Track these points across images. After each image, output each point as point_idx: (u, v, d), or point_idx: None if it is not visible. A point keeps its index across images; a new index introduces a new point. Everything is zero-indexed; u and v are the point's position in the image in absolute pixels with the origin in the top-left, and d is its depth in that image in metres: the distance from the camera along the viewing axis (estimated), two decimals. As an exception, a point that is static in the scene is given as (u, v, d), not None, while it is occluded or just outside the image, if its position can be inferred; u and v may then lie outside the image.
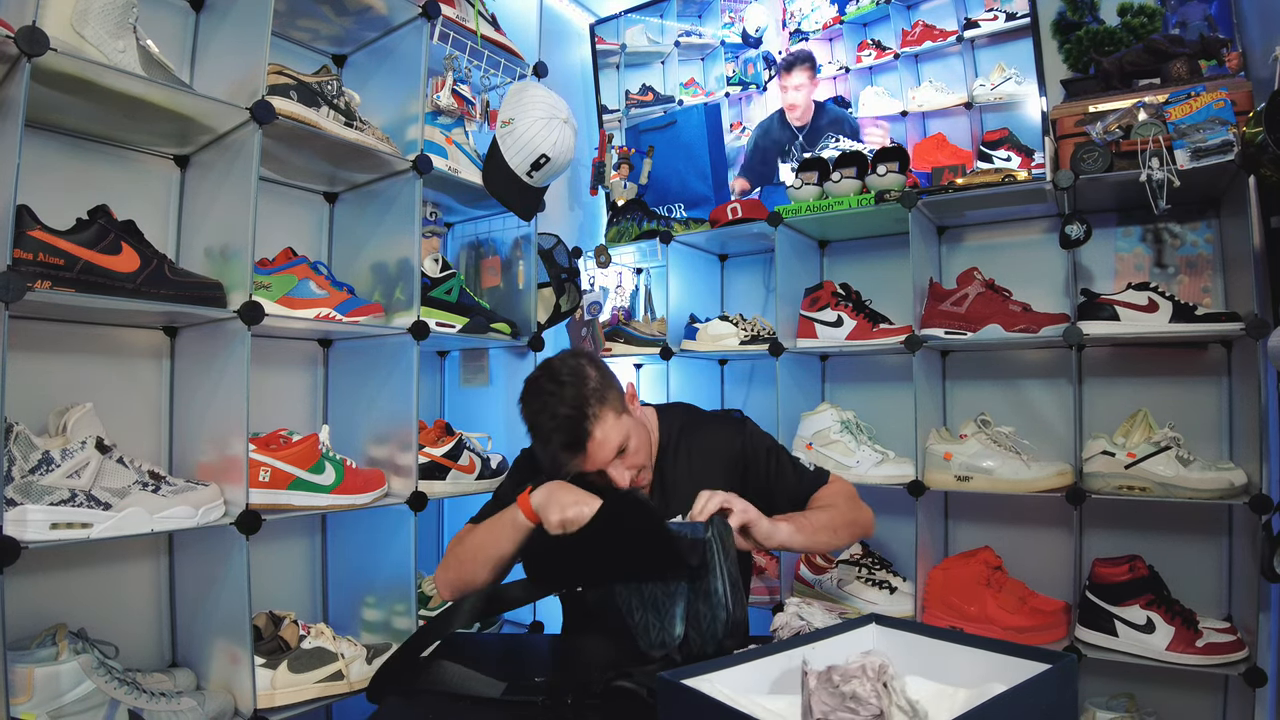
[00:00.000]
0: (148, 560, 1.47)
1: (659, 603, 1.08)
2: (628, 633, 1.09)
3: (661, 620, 1.07)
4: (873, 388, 2.16)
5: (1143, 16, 1.83)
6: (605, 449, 1.26)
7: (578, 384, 1.27)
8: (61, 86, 1.20)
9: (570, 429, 1.24)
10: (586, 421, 1.24)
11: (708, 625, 1.04)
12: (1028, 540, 1.90)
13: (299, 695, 1.37)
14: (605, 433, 1.26)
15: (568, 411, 1.24)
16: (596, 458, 1.26)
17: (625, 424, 1.30)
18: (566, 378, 1.28)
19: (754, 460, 1.43)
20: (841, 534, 1.35)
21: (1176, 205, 1.57)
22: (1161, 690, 1.69)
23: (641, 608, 1.09)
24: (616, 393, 1.33)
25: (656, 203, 2.49)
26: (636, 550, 1.09)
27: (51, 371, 1.35)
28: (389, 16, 1.69)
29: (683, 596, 1.07)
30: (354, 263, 1.76)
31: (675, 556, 1.06)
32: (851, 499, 1.44)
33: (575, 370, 1.30)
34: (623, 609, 1.10)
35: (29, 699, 1.07)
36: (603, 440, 1.26)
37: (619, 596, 1.11)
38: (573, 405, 1.25)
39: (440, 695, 1.02)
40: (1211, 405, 1.74)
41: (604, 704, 0.94)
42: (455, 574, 1.32)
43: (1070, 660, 0.74)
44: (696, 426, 1.48)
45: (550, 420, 1.25)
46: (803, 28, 2.27)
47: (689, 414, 1.52)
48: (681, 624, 1.06)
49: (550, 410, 1.25)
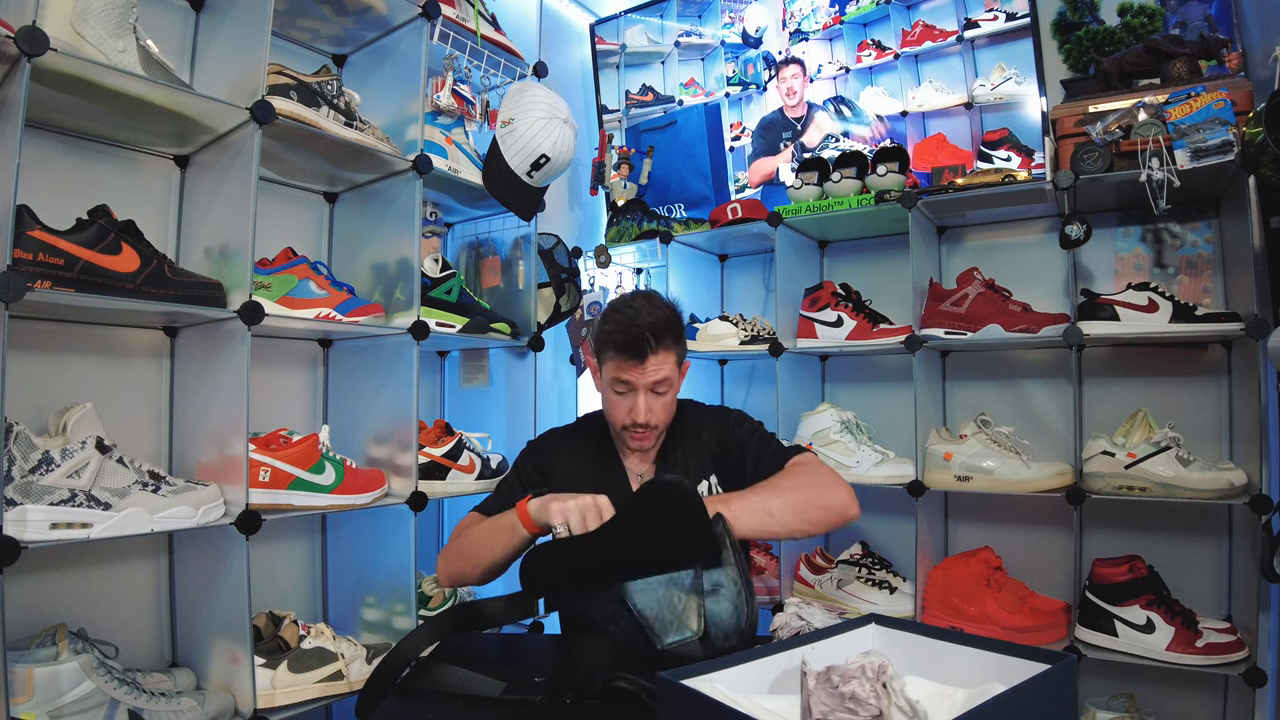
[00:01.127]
0: (148, 560, 1.47)
1: (674, 601, 1.08)
2: (641, 633, 1.09)
3: (679, 618, 1.07)
4: (873, 388, 2.16)
5: (1143, 16, 1.83)
6: (655, 372, 1.33)
7: (670, 313, 1.36)
8: (61, 86, 1.20)
9: (649, 331, 1.31)
10: (663, 337, 1.32)
11: (725, 620, 1.04)
12: (1028, 540, 1.90)
13: (299, 695, 1.37)
14: (662, 361, 1.34)
15: (654, 318, 1.32)
16: (646, 371, 1.32)
17: (675, 374, 1.38)
18: (663, 304, 1.38)
19: (736, 441, 1.44)
20: (782, 516, 1.19)
21: (1176, 205, 1.57)
22: (1161, 690, 1.69)
23: (656, 607, 1.09)
24: (684, 351, 1.42)
25: (656, 203, 2.49)
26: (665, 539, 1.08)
27: (51, 371, 1.35)
28: (389, 16, 1.69)
29: (697, 593, 1.07)
30: (354, 263, 1.76)
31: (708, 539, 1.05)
32: (814, 482, 1.28)
33: (673, 307, 1.39)
34: (634, 610, 1.10)
35: (29, 699, 1.07)
36: (657, 365, 1.33)
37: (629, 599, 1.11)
38: (661, 318, 1.33)
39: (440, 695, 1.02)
40: (1211, 405, 1.74)
41: (603, 704, 0.94)
42: (454, 565, 1.36)
43: (1070, 660, 0.74)
44: (689, 417, 1.50)
45: (632, 316, 1.32)
46: (803, 28, 2.28)
47: (684, 406, 1.52)
48: (700, 620, 1.06)
49: (636, 309, 1.33)
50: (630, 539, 1.10)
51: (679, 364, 1.39)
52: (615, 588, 1.11)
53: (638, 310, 1.33)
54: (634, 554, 1.09)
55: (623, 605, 1.10)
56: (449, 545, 1.40)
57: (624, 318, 1.33)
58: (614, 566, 1.10)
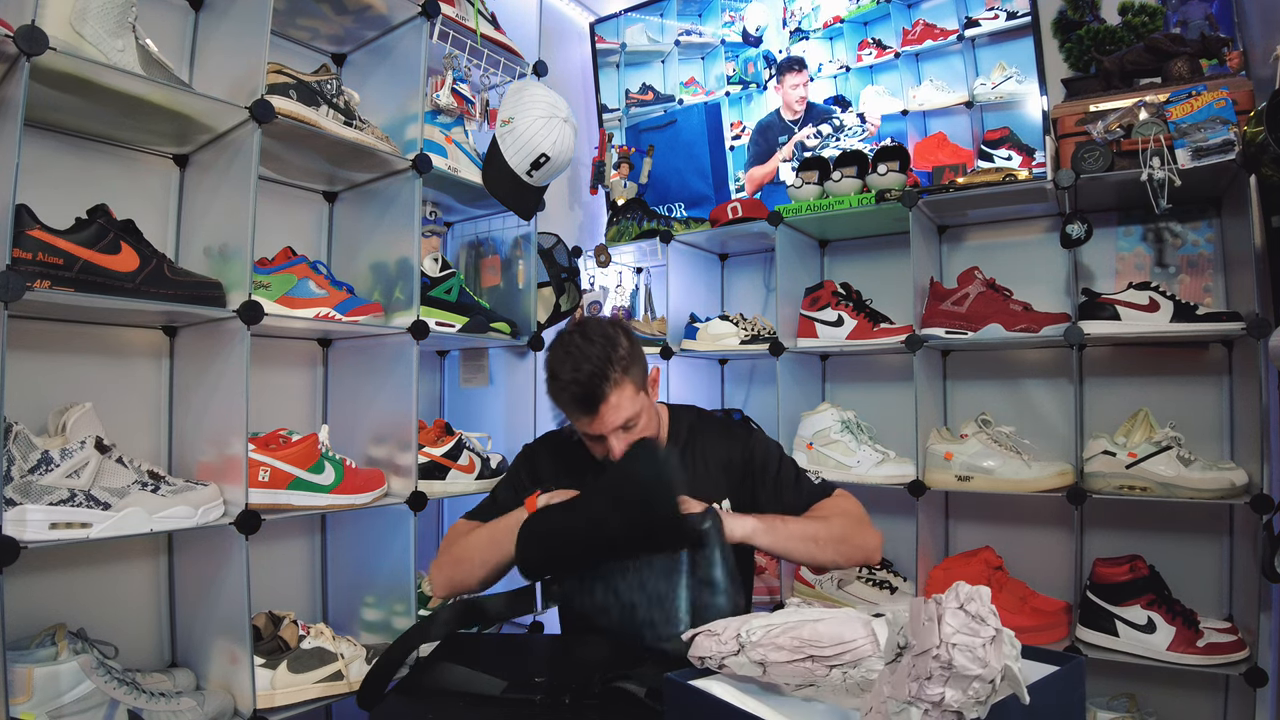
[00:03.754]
0: (147, 560, 1.46)
1: (663, 596, 1.08)
2: (631, 630, 1.09)
3: (666, 613, 1.07)
4: (873, 387, 2.16)
5: (1144, 15, 1.83)
6: (616, 415, 1.26)
7: (607, 346, 1.26)
8: (61, 86, 1.19)
9: (588, 386, 1.23)
10: (605, 383, 1.24)
11: (713, 616, 1.04)
12: (1028, 540, 1.89)
13: (299, 695, 1.37)
14: (620, 400, 1.25)
15: (590, 368, 1.23)
16: (605, 421, 1.25)
17: (640, 401, 1.29)
18: (597, 337, 1.27)
19: (757, 468, 1.41)
20: (826, 549, 1.26)
21: (1177, 204, 1.56)
22: (1162, 690, 1.69)
23: (645, 603, 1.09)
24: (641, 369, 1.32)
25: (656, 202, 2.49)
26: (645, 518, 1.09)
27: (51, 371, 1.35)
28: (388, 15, 1.69)
29: (686, 589, 1.07)
30: (353, 262, 1.76)
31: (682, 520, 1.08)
32: (853, 517, 1.34)
33: (608, 334, 1.29)
34: (624, 605, 1.10)
35: (28, 699, 1.07)
36: (616, 405, 1.25)
37: (620, 594, 1.11)
38: (596, 363, 1.24)
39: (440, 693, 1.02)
40: (1212, 405, 1.74)
41: (602, 704, 0.94)
42: (451, 572, 1.32)
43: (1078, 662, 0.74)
44: (705, 429, 1.46)
45: (571, 372, 1.24)
46: (803, 26, 2.27)
47: (699, 416, 1.51)
48: (687, 616, 1.06)
49: (574, 362, 1.25)
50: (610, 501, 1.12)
51: (640, 388, 1.30)
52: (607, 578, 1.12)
53: (575, 359, 1.25)
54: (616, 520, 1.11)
55: (614, 599, 1.11)
56: (442, 553, 1.36)
57: (565, 371, 1.25)
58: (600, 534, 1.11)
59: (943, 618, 0.59)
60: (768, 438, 1.50)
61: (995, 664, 0.58)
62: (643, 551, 1.10)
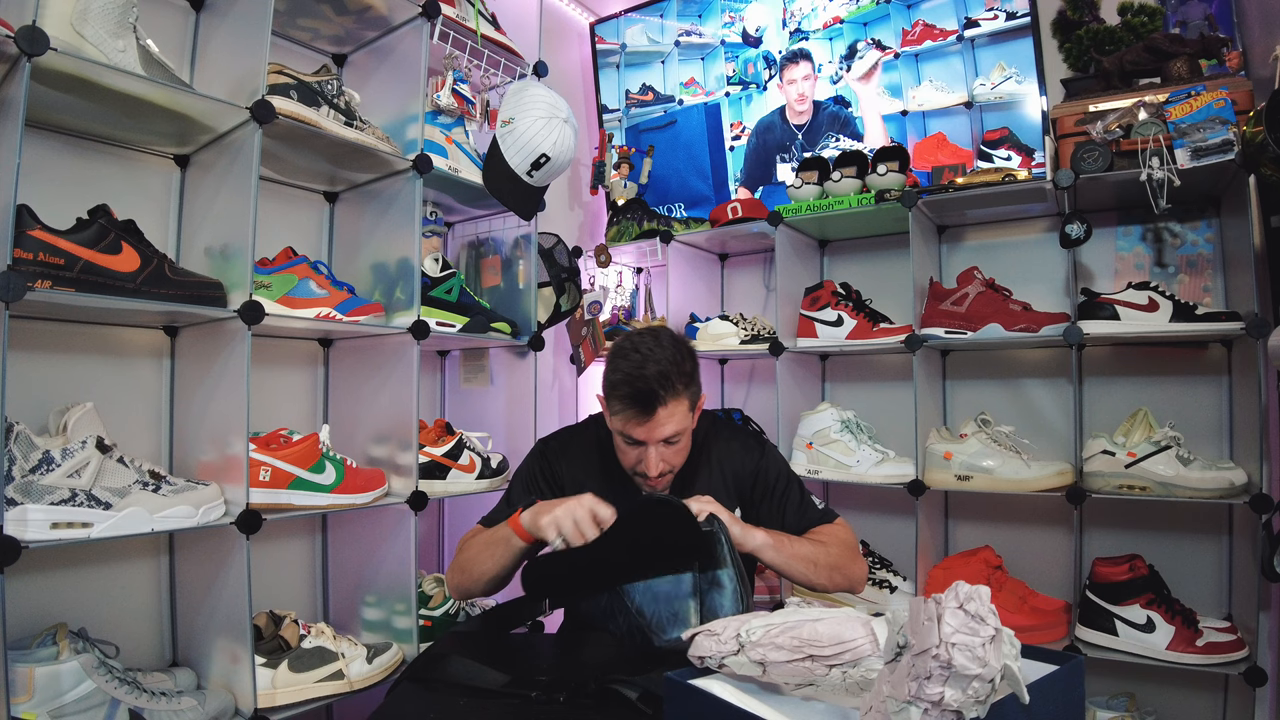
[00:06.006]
0: (148, 560, 1.47)
1: (671, 599, 1.09)
2: (641, 632, 1.10)
3: (676, 616, 1.08)
4: (873, 387, 2.17)
5: (1143, 15, 1.83)
6: (664, 427, 1.24)
7: (679, 358, 1.25)
8: (61, 86, 1.20)
9: (650, 387, 1.21)
10: (666, 391, 1.22)
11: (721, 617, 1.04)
12: (1028, 540, 1.90)
13: (299, 694, 1.37)
14: (672, 413, 1.23)
15: (658, 369, 1.21)
16: (653, 430, 1.23)
17: (689, 421, 1.28)
18: (670, 346, 1.26)
19: (765, 482, 1.41)
20: (821, 573, 1.28)
21: (1177, 204, 1.57)
22: (1162, 690, 1.69)
23: (654, 605, 1.10)
24: (697, 390, 1.31)
25: (657, 202, 2.49)
26: (659, 546, 1.10)
27: (51, 371, 1.35)
28: (389, 16, 1.69)
29: (695, 591, 1.08)
30: (354, 262, 1.76)
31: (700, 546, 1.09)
32: (848, 547, 1.37)
33: (680, 344, 1.28)
34: (633, 609, 1.11)
35: (30, 698, 1.07)
36: (667, 418, 1.23)
37: (628, 597, 1.11)
38: (665, 365, 1.22)
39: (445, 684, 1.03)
40: (1212, 405, 1.74)
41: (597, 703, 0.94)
42: (459, 579, 1.34)
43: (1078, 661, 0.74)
44: (718, 437, 1.45)
45: (638, 364, 1.22)
46: (803, 27, 2.27)
47: (714, 423, 1.50)
48: (696, 618, 1.07)
49: (643, 356, 1.22)
50: (626, 551, 1.12)
51: (692, 408, 1.29)
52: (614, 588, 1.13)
53: (644, 357, 1.22)
54: (629, 563, 1.12)
55: (622, 603, 1.12)
56: (455, 558, 1.38)
57: (631, 365, 1.23)
58: (611, 574, 1.12)
59: (942, 617, 0.60)
60: (779, 455, 1.48)
61: (995, 663, 0.59)
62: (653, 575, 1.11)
